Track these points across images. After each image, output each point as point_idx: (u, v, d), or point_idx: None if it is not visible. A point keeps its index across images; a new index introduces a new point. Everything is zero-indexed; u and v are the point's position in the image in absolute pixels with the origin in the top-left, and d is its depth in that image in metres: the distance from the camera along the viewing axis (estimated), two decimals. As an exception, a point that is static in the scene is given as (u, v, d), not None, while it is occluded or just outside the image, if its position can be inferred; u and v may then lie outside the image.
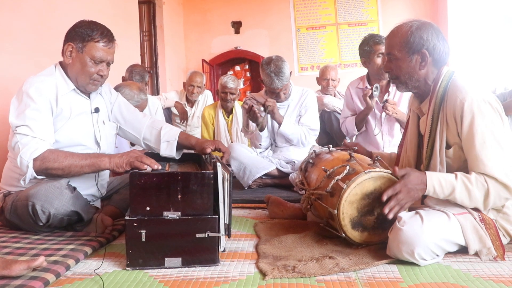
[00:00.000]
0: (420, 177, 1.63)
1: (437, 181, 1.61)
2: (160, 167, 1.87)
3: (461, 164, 1.69)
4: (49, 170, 1.89)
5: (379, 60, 3.07)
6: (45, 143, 1.91)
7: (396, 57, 1.79)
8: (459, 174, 1.62)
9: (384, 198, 1.61)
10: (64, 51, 2.06)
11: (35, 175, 1.88)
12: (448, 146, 1.72)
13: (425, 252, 1.53)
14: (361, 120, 3.24)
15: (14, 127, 1.93)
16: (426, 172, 1.64)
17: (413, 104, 1.93)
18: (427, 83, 1.80)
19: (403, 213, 1.60)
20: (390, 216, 1.61)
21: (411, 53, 1.76)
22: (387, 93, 3.18)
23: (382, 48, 3.01)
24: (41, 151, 1.88)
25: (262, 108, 3.15)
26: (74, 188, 1.97)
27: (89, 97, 2.17)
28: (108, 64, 2.11)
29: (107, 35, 2.06)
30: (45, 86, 1.99)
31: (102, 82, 2.14)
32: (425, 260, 1.55)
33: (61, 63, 2.12)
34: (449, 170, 1.72)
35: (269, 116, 3.24)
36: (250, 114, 3.12)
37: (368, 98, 3.03)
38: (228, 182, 1.61)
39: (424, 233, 1.53)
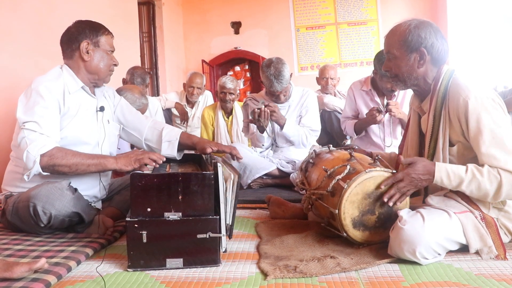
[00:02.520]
0: (427, 167, 1.63)
1: (445, 173, 1.61)
2: (165, 159, 1.93)
3: (465, 162, 1.69)
4: (56, 166, 1.89)
5: (388, 85, 3.08)
6: (52, 140, 1.92)
7: (395, 56, 1.79)
8: (470, 166, 1.62)
9: (382, 187, 1.63)
10: (80, 50, 2.08)
11: (41, 171, 1.88)
12: (451, 144, 1.72)
13: (427, 251, 1.53)
14: (361, 128, 3.25)
15: (22, 122, 1.93)
16: (436, 163, 1.64)
17: (414, 103, 1.93)
18: (426, 81, 1.80)
19: (404, 212, 1.60)
20: (390, 203, 1.63)
21: (409, 52, 1.76)
22: (393, 98, 3.19)
23: None
24: (49, 148, 1.88)
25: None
26: (75, 190, 1.97)
27: (95, 95, 2.19)
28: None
29: (107, 28, 2.17)
30: (54, 85, 2.01)
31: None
32: (427, 259, 1.55)
33: (66, 64, 2.13)
34: None
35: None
36: (259, 115, 3.08)
37: (374, 117, 3.05)
38: (236, 183, 1.61)
39: (425, 232, 1.53)
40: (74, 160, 1.92)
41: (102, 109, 2.19)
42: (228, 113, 4.27)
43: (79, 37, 2.08)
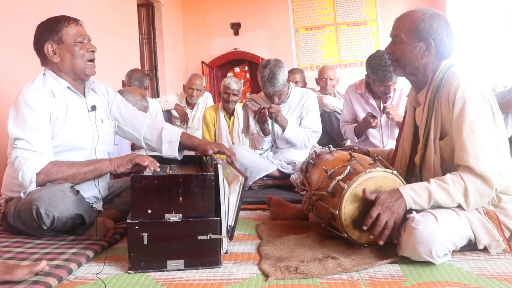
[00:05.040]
0: (392, 192, 1.61)
1: (410, 189, 1.60)
2: (158, 169, 1.89)
3: (453, 156, 1.67)
4: (53, 181, 1.91)
5: (381, 89, 3.08)
6: (46, 157, 1.92)
7: (402, 40, 1.78)
8: (432, 179, 1.62)
9: (364, 228, 1.60)
10: (47, 54, 2.04)
11: (36, 188, 1.90)
12: (441, 137, 1.71)
13: (441, 250, 1.52)
14: (360, 132, 3.25)
15: (13, 139, 1.93)
16: (398, 188, 1.63)
17: (410, 94, 1.92)
18: (425, 73, 1.80)
19: (414, 213, 1.58)
20: (381, 243, 1.59)
21: (417, 40, 1.75)
22: (388, 99, 3.18)
23: (389, 83, 3.01)
24: (44, 165, 1.89)
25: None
26: (78, 191, 1.97)
27: (84, 95, 2.16)
28: (89, 40, 2.10)
29: (70, 17, 2.07)
30: (42, 94, 1.99)
31: (94, 63, 2.11)
32: (440, 258, 1.53)
33: (47, 69, 2.09)
34: (442, 162, 1.71)
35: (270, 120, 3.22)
36: (259, 116, 3.08)
37: (369, 123, 3.05)
38: (242, 186, 1.61)
39: (440, 231, 1.51)
40: (69, 172, 1.93)
41: (93, 108, 2.15)
42: (230, 114, 4.27)
43: (41, 41, 2.04)
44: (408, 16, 1.79)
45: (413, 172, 1.87)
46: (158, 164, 1.93)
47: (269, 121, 3.17)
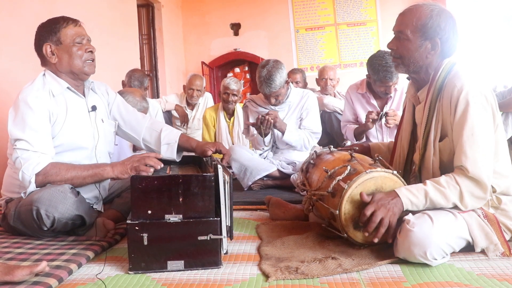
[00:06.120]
0: (388, 193, 1.61)
1: (407, 190, 1.59)
2: (162, 165, 1.89)
3: (451, 158, 1.67)
4: (52, 183, 1.91)
5: (382, 89, 3.08)
6: (46, 157, 1.91)
7: (407, 38, 1.72)
8: (428, 180, 1.61)
9: (361, 224, 1.60)
10: (45, 55, 2.05)
11: (37, 189, 1.89)
12: (440, 139, 1.70)
13: (437, 252, 1.51)
14: (360, 133, 3.25)
15: (13, 140, 1.93)
16: (395, 189, 1.62)
17: (409, 91, 1.89)
18: (427, 71, 1.76)
19: (410, 215, 1.58)
20: (375, 240, 1.59)
21: (423, 39, 1.69)
22: (389, 100, 3.18)
23: (390, 83, 3.01)
24: (43, 166, 1.89)
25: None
26: (78, 192, 1.97)
27: (83, 95, 2.16)
28: (89, 41, 2.10)
29: (69, 18, 2.08)
30: (42, 94, 1.99)
31: (94, 62, 2.11)
32: (436, 259, 1.53)
33: (47, 69, 2.10)
34: (441, 163, 1.71)
35: None
36: (262, 125, 3.07)
37: (370, 121, 3.02)
38: (228, 184, 1.61)
39: (435, 233, 1.50)
40: (69, 175, 1.92)
41: (94, 108, 2.15)
42: (230, 114, 4.27)
43: (40, 42, 2.05)
44: (415, 11, 1.71)
45: (411, 170, 1.87)
46: (162, 165, 1.91)
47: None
